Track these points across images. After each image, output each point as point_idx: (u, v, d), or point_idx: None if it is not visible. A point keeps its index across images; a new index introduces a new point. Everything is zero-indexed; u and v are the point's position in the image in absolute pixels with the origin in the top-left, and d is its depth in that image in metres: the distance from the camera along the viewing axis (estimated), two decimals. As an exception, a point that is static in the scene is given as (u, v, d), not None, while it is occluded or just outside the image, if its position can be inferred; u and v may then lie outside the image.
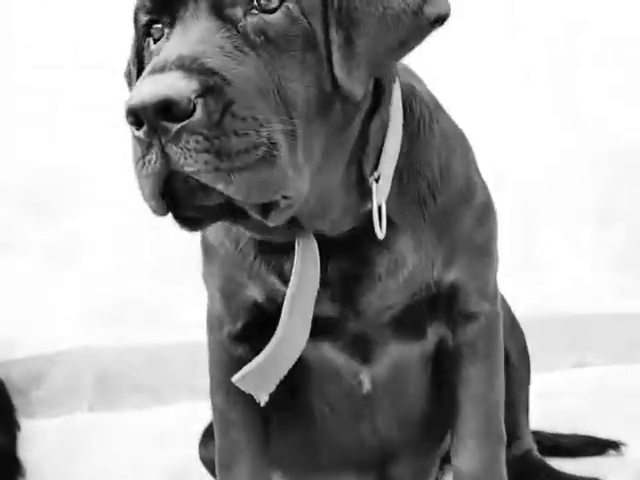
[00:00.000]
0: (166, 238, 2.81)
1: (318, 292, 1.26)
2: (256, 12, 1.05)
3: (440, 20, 1.13)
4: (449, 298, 1.42)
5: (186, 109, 0.95)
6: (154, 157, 0.97)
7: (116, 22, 1.75)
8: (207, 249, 1.46)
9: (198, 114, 0.95)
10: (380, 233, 1.26)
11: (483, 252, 1.44)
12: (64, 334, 2.85)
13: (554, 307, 2.97)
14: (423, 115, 1.35)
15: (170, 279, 2.82)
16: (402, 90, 1.30)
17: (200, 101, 0.95)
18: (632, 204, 2.98)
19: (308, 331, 1.27)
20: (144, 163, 0.98)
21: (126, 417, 2.72)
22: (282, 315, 1.24)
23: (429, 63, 1.48)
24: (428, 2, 1.12)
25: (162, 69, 0.98)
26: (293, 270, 1.24)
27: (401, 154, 1.29)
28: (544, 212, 2.96)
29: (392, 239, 1.31)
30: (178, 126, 0.95)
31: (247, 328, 1.43)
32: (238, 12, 1.06)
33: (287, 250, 1.27)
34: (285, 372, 1.29)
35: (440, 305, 1.42)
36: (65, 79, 2.89)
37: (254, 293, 1.38)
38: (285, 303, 1.24)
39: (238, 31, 1.04)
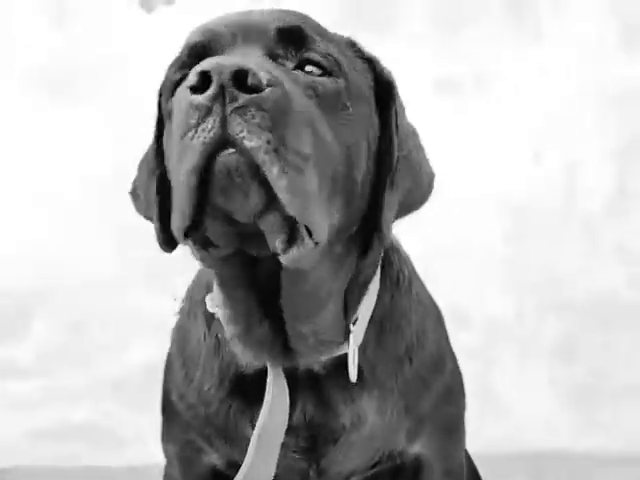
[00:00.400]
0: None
1: (283, 441, 1.22)
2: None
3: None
4: (412, 476, 1.37)
5: (260, 83, 0.92)
6: (210, 125, 0.91)
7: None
8: (168, 409, 1.41)
9: (268, 93, 0.93)
10: (353, 375, 1.21)
11: (451, 429, 1.40)
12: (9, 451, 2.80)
13: (511, 443, 2.93)
14: (402, 270, 1.36)
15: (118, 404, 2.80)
16: None
17: (271, 88, 0.93)
18: (590, 344, 2.98)
19: (271, 470, 1.21)
20: (196, 132, 0.92)
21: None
22: (247, 456, 1.20)
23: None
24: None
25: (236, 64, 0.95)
26: (263, 406, 1.20)
27: (382, 302, 1.28)
28: (504, 346, 2.93)
29: (357, 392, 1.26)
30: (248, 97, 0.91)
31: None
32: (287, 65, 1.07)
33: (259, 396, 1.23)
34: None
35: None
36: None
37: (212, 459, 1.35)
38: (252, 442, 1.20)
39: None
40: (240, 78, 0.91)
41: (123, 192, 2.63)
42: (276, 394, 1.20)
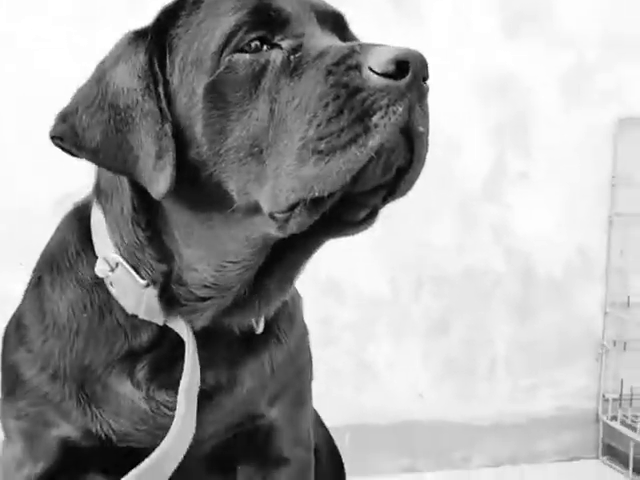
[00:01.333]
0: None
1: (155, 397, 1.32)
2: None
3: None
4: (265, 438, 1.45)
5: (428, 76, 1.06)
6: (401, 108, 1.02)
7: None
8: (13, 383, 1.38)
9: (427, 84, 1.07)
10: (259, 328, 1.35)
11: (302, 401, 1.51)
12: None
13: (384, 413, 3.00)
14: None
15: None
16: None
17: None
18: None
19: (194, 424, 1.28)
20: (387, 112, 1.01)
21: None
22: (178, 409, 1.26)
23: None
24: None
25: (372, 44, 1.07)
26: (185, 362, 1.26)
27: None
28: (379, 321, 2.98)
29: (240, 354, 1.37)
30: (425, 87, 1.05)
31: (51, 470, 1.38)
32: None
33: (141, 355, 1.31)
34: (173, 469, 1.28)
35: (255, 445, 1.44)
36: None
37: (64, 431, 1.34)
38: (180, 396, 1.26)
39: None
40: (424, 70, 1.04)
41: None
42: (192, 351, 1.26)
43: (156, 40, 1.21)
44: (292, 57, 1.12)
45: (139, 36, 1.23)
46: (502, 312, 3.10)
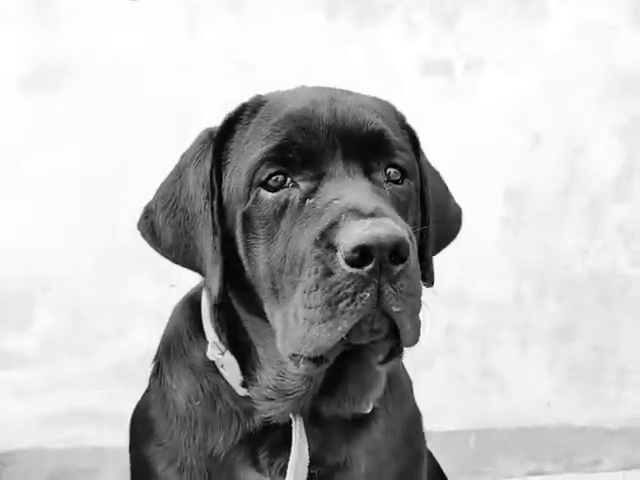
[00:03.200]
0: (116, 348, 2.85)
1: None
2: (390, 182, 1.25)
3: None
4: None
5: (408, 253, 1.06)
6: (368, 295, 1.04)
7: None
8: (145, 475, 1.43)
9: (410, 259, 1.07)
10: (368, 409, 1.37)
11: None
12: (18, 434, 2.87)
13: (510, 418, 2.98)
14: None
15: (123, 384, 2.84)
16: None
17: (410, 254, 1.07)
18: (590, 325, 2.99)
19: None
20: (353, 300, 1.05)
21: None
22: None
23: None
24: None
25: (373, 215, 1.08)
26: (292, 448, 1.29)
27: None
28: (504, 327, 2.95)
29: (356, 436, 1.39)
30: (399, 268, 1.05)
31: None
32: (380, 178, 1.24)
33: (259, 439, 1.34)
34: None
35: None
36: None
37: None
38: (288, 476, 1.29)
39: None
40: (395, 251, 1.04)
41: (119, 181, 2.68)
42: (301, 436, 1.30)
43: (217, 150, 1.29)
44: (307, 201, 1.18)
45: (209, 138, 1.31)
46: (630, 317, 3.00)
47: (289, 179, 1.21)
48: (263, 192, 1.20)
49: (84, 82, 2.69)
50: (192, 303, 1.46)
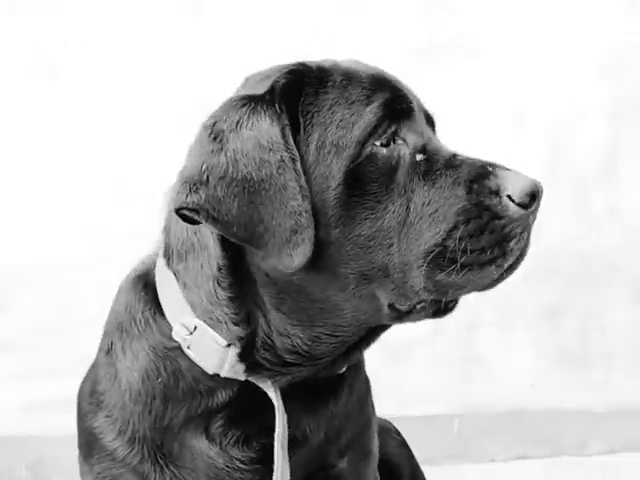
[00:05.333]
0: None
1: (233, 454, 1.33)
2: None
3: None
4: None
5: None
6: (527, 234, 1.19)
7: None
8: (91, 448, 1.40)
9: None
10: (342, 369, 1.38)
11: (368, 450, 1.53)
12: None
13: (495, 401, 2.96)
14: None
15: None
16: None
17: None
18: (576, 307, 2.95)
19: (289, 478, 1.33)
20: (520, 239, 1.18)
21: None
22: (276, 460, 1.29)
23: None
24: None
25: (507, 168, 1.21)
26: (277, 418, 1.29)
27: None
28: (487, 309, 2.92)
29: (314, 408, 1.39)
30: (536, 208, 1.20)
31: None
32: None
33: (217, 409, 1.32)
34: None
35: None
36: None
37: None
38: (277, 453, 1.29)
39: None
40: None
41: (102, 172, 2.66)
42: (281, 406, 1.30)
43: (287, 112, 1.22)
44: (417, 157, 1.23)
45: (255, 102, 1.23)
46: (617, 298, 2.96)
47: (397, 135, 1.23)
48: (377, 148, 1.21)
49: (84, 67, 2.68)
50: (145, 283, 1.42)
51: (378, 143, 1.21)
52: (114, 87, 2.73)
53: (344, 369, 1.38)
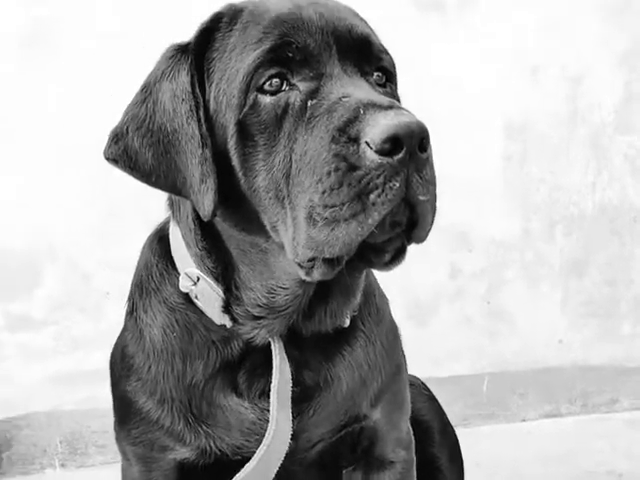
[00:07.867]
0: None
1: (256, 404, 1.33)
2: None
3: None
4: (369, 441, 1.46)
5: (429, 142, 1.07)
6: (398, 184, 1.04)
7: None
8: (127, 413, 1.42)
9: (430, 150, 1.08)
10: (346, 323, 1.36)
11: (400, 401, 1.51)
12: (31, 398, 2.89)
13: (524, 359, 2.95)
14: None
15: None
16: None
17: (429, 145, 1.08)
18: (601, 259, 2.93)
19: (290, 425, 1.31)
20: (383, 190, 1.04)
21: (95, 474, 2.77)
22: (271, 410, 1.29)
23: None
24: None
25: (389, 107, 1.07)
26: (273, 369, 1.29)
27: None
28: (511, 264, 2.91)
29: (333, 355, 1.39)
30: (425, 156, 1.06)
31: None
32: (372, 81, 1.23)
33: (238, 364, 1.33)
34: (274, 472, 1.32)
35: (359, 448, 1.46)
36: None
37: (180, 454, 1.38)
38: (272, 397, 1.29)
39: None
40: (422, 140, 1.04)
41: None
42: (282, 357, 1.30)
43: (196, 61, 1.22)
44: (309, 102, 1.14)
45: (181, 51, 1.25)
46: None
47: (286, 81, 1.17)
48: (261, 96, 1.16)
49: (76, 41, 2.69)
50: (160, 237, 1.44)
51: (266, 91, 1.16)
52: (114, 58, 2.70)
53: (347, 322, 1.36)
